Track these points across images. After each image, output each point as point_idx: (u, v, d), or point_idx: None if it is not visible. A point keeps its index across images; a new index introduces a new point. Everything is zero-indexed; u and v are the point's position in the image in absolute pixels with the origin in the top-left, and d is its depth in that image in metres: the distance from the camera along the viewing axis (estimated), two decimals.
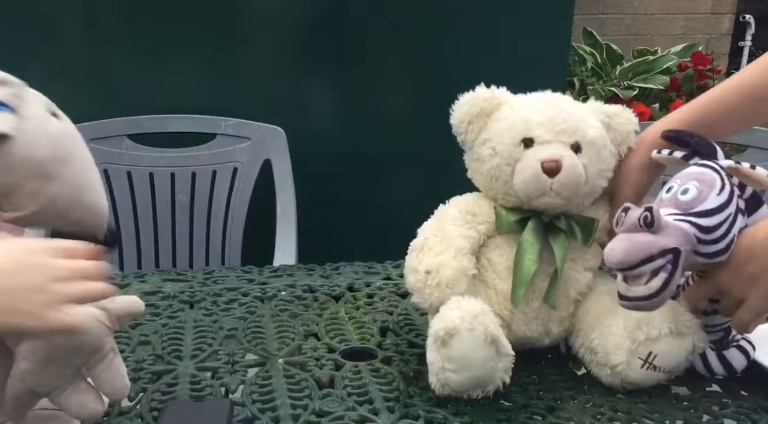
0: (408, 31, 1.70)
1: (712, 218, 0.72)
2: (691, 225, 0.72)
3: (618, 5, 3.53)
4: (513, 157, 0.78)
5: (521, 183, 0.78)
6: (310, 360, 0.83)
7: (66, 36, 1.62)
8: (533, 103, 0.81)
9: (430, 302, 0.77)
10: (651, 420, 0.74)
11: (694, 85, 3.07)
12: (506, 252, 0.80)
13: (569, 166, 0.76)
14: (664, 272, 0.70)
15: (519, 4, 1.70)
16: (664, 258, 0.70)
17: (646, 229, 0.70)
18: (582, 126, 0.79)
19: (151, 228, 1.61)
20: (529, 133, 0.78)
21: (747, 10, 3.68)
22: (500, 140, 0.79)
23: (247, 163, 1.61)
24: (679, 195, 0.74)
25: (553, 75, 1.74)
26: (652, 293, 0.70)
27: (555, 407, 0.75)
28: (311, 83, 1.70)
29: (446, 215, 0.82)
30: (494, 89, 0.82)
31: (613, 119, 0.83)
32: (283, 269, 1.13)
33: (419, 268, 0.78)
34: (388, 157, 1.73)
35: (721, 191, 0.74)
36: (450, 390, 0.74)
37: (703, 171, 0.76)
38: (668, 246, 0.70)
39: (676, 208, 0.73)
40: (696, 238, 0.72)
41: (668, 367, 0.77)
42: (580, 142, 0.78)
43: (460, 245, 0.79)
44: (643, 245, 0.69)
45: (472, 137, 0.82)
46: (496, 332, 0.72)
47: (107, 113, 1.61)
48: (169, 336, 0.89)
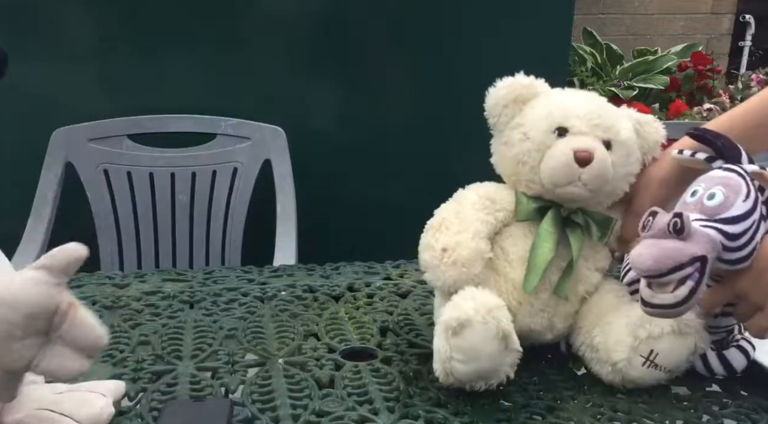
0: (408, 31, 1.70)
1: (738, 225, 0.71)
2: (718, 232, 0.70)
3: (618, 5, 3.54)
4: (545, 143, 0.78)
5: (550, 169, 0.77)
6: (310, 360, 0.83)
7: (66, 36, 1.62)
8: (571, 96, 0.82)
9: (444, 280, 0.77)
10: (651, 420, 0.74)
11: (694, 85, 3.08)
12: (520, 241, 0.80)
13: (601, 159, 0.76)
14: (691, 280, 0.68)
15: (519, 4, 1.70)
16: (692, 266, 0.68)
17: (675, 235, 0.68)
18: (616, 125, 0.80)
19: (151, 228, 1.61)
20: (565, 122, 0.78)
21: (747, 10, 3.68)
22: (534, 126, 0.79)
23: (247, 163, 1.61)
24: (705, 200, 0.72)
25: (553, 75, 1.71)
26: (679, 301, 0.69)
27: (555, 407, 0.75)
28: (311, 83, 1.70)
29: (465, 199, 0.82)
30: (533, 78, 0.83)
31: (644, 127, 0.83)
32: (283, 269, 1.13)
33: (435, 245, 0.78)
34: (388, 157, 1.73)
35: (747, 198, 0.72)
36: (454, 379, 0.73)
37: (729, 176, 0.74)
38: (697, 254, 0.68)
39: (702, 214, 0.72)
40: (722, 245, 0.70)
41: (669, 366, 0.77)
42: (612, 140, 0.79)
43: (478, 228, 0.78)
44: (673, 252, 0.68)
45: (504, 121, 0.81)
46: (508, 327, 0.72)
47: (107, 113, 1.61)
48: (169, 336, 0.89)
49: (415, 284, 1.06)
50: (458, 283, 0.76)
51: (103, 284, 1.05)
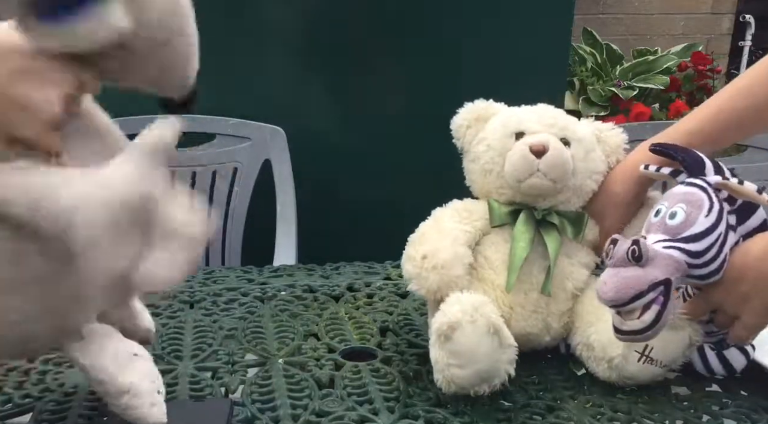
0: (408, 32, 1.70)
1: (702, 242, 0.72)
2: (681, 252, 0.72)
3: (618, 5, 3.54)
4: (506, 148, 0.82)
5: (510, 166, 0.81)
6: (310, 360, 0.83)
7: None
8: (528, 108, 0.87)
9: (427, 287, 0.79)
10: (651, 420, 0.74)
11: (694, 85, 3.08)
12: (501, 247, 0.82)
13: (555, 148, 0.80)
14: (656, 304, 0.70)
15: (519, 4, 1.70)
16: (654, 291, 0.70)
17: (634, 262, 0.70)
18: (571, 125, 0.84)
19: None
20: (520, 126, 0.83)
21: (747, 10, 3.68)
22: (494, 135, 0.84)
23: (247, 163, 1.61)
24: (667, 220, 0.74)
25: (553, 75, 1.74)
26: (646, 326, 0.70)
27: (555, 407, 0.75)
28: (311, 83, 1.70)
29: (443, 214, 0.85)
30: (491, 101, 0.88)
31: (603, 132, 0.87)
32: (283, 269, 1.13)
33: (416, 255, 0.80)
34: (388, 157, 1.73)
35: (709, 212, 0.73)
36: (456, 387, 0.73)
37: (691, 191, 0.75)
38: (658, 279, 0.70)
39: (665, 234, 0.73)
40: (686, 264, 0.72)
41: (665, 360, 0.77)
42: (568, 137, 0.83)
43: (456, 235, 0.81)
44: (633, 281, 0.69)
45: (469, 140, 0.87)
46: (498, 321, 0.73)
47: (107, 113, 1.61)
48: (169, 336, 0.89)
49: None
50: (441, 287, 0.78)
51: None
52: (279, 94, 1.68)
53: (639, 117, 2.62)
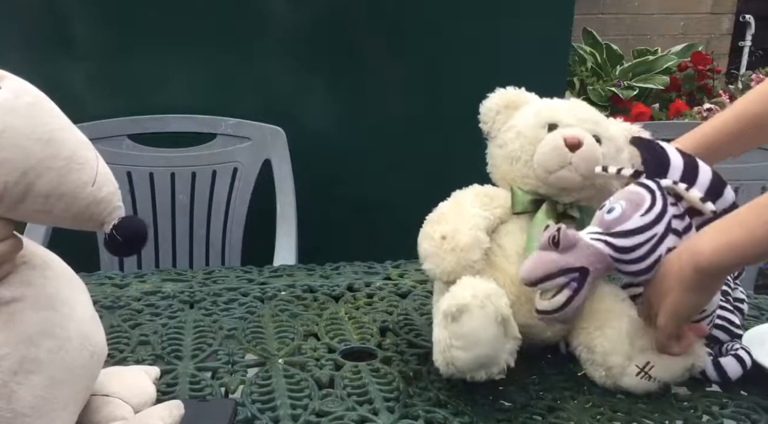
0: (408, 31, 1.70)
1: (631, 239, 0.74)
2: (606, 244, 0.74)
3: (618, 5, 3.53)
4: (537, 137, 0.82)
5: (542, 155, 0.81)
6: (310, 360, 0.83)
7: (66, 36, 1.62)
8: (560, 100, 0.87)
9: (443, 268, 0.78)
10: (651, 420, 0.74)
11: (694, 85, 3.07)
12: (517, 237, 0.82)
13: (590, 143, 0.80)
14: (568, 289, 0.73)
15: (519, 4, 1.70)
16: (566, 276, 0.73)
17: (554, 248, 0.72)
18: (604, 122, 0.84)
19: (151, 228, 1.61)
20: (554, 118, 0.83)
21: (747, 10, 3.68)
22: (526, 124, 0.84)
23: (247, 163, 1.61)
24: (605, 214, 0.76)
25: (553, 75, 1.74)
26: (556, 308, 0.73)
27: (555, 407, 0.75)
28: (311, 83, 1.70)
29: (463, 197, 0.84)
30: (524, 90, 0.88)
31: (633, 134, 0.86)
32: (283, 269, 1.13)
33: (434, 235, 0.80)
34: (388, 157, 1.73)
35: (648, 211, 0.74)
36: (455, 369, 0.73)
37: (636, 190, 0.77)
38: (572, 265, 0.73)
39: (599, 227, 0.76)
40: (612, 257, 0.74)
41: (663, 379, 0.77)
42: (600, 135, 0.82)
43: (476, 221, 0.81)
44: (546, 264, 0.73)
45: (498, 126, 0.86)
46: (507, 312, 0.73)
47: (107, 113, 1.61)
48: (169, 336, 0.89)
49: (415, 284, 1.06)
50: (457, 269, 0.78)
51: (103, 284, 1.05)
52: (279, 94, 1.69)
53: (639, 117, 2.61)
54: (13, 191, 0.52)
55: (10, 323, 0.55)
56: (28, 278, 0.57)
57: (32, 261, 0.58)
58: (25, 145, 0.52)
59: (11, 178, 0.51)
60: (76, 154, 0.54)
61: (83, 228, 0.57)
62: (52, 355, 0.56)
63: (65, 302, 0.59)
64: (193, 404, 0.71)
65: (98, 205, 0.55)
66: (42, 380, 0.56)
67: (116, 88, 1.66)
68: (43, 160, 0.52)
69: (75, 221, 0.56)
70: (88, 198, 0.55)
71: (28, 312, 0.56)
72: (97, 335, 0.62)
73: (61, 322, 0.57)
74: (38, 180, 0.52)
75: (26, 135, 0.52)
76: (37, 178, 0.52)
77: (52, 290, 0.58)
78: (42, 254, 0.60)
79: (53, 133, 0.53)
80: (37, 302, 0.56)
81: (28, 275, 0.57)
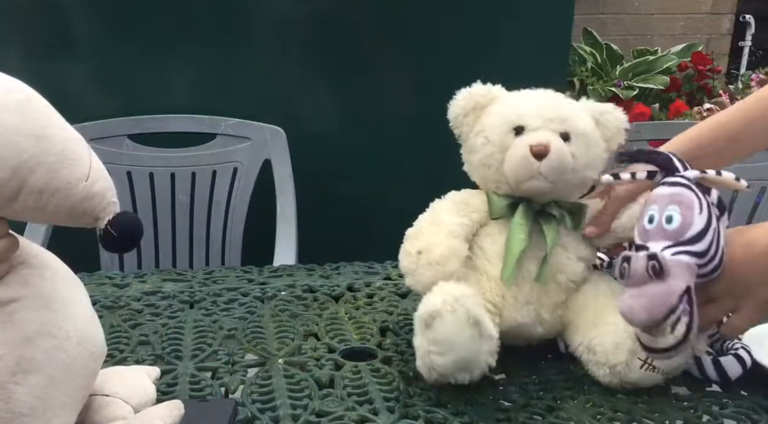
0: (408, 31, 1.70)
1: (703, 241, 0.71)
2: (689, 255, 0.70)
3: (618, 5, 3.54)
4: (504, 144, 0.81)
5: (510, 167, 0.80)
6: (310, 360, 0.83)
7: (66, 36, 1.62)
8: (526, 96, 0.85)
9: (422, 282, 0.79)
10: (651, 420, 0.74)
11: (694, 85, 3.07)
12: (498, 239, 0.82)
13: (557, 150, 0.79)
14: (684, 316, 0.68)
15: (519, 4, 1.70)
16: (683, 302, 0.68)
17: (656, 278, 0.68)
18: (572, 117, 0.82)
19: (151, 228, 1.61)
20: (520, 121, 0.81)
21: (747, 10, 3.68)
22: (492, 130, 0.82)
23: (247, 163, 1.61)
24: (664, 225, 0.72)
25: (553, 75, 1.74)
26: (679, 340, 0.68)
27: (555, 407, 0.75)
28: (311, 83, 1.70)
29: (440, 207, 0.85)
30: (489, 86, 0.86)
31: (603, 115, 0.85)
32: (283, 269, 1.13)
33: (412, 250, 0.80)
34: (388, 157, 1.73)
35: (701, 209, 0.72)
36: (437, 374, 0.74)
37: (678, 192, 0.73)
38: (683, 288, 0.68)
39: (668, 240, 0.71)
40: (696, 265, 0.71)
41: (667, 368, 0.77)
42: (569, 132, 0.81)
43: (452, 229, 0.81)
44: (663, 297, 0.67)
45: (467, 130, 0.85)
46: (478, 313, 0.73)
47: (107, 113, 1.61)
48: (168, 336, 0.89)
49: None
50: (435, 282, 0.78)
51: (103, 284, 1.05)
52: (279, 94, 1.69)
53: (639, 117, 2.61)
54: (6, 188, 0.52)
55: (7, 323, 0.55)
56: (26, 278, 0.57)
57: (30, 261, 0.58)
58: (17, 141, 0.51)
59: (3, 175, 0.51)
60: (68, 150, 0.54)
61: (78, 224, 0.56)
62: (50, 355, 0.56)
63: (63, 301, 0.59)
64: (193, 404, 0.71)
65: (92, 201, 0.55)
66: (40, 380, 0.55)
67: (116, 88, 1.66)
68: (35, 156, 0.52)
69: (69, 216, 0.55)
70: (81, 193, 0.54)
71: (25, 312, 0.55)
72: (95, 334, 0.61)
73: (60, 322, 0.57)
74: (31, 176, 0.52)
75: (17, 131, 0.52)
76: (30, 174, 0.52)
77: (50, 290, 0.58)
78: (40, 253, 0.60)
79: (45, 130, 0.53)
80: (34, 302, 0.56)
81: (26, 275, 0.57)
